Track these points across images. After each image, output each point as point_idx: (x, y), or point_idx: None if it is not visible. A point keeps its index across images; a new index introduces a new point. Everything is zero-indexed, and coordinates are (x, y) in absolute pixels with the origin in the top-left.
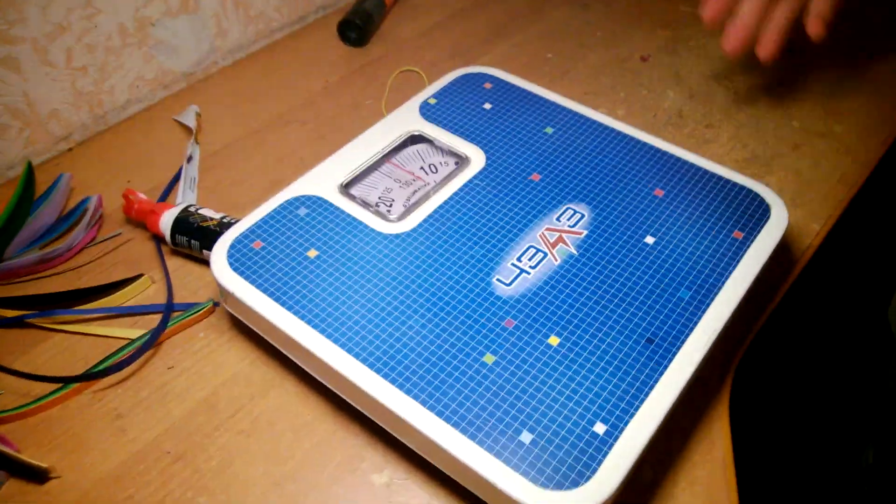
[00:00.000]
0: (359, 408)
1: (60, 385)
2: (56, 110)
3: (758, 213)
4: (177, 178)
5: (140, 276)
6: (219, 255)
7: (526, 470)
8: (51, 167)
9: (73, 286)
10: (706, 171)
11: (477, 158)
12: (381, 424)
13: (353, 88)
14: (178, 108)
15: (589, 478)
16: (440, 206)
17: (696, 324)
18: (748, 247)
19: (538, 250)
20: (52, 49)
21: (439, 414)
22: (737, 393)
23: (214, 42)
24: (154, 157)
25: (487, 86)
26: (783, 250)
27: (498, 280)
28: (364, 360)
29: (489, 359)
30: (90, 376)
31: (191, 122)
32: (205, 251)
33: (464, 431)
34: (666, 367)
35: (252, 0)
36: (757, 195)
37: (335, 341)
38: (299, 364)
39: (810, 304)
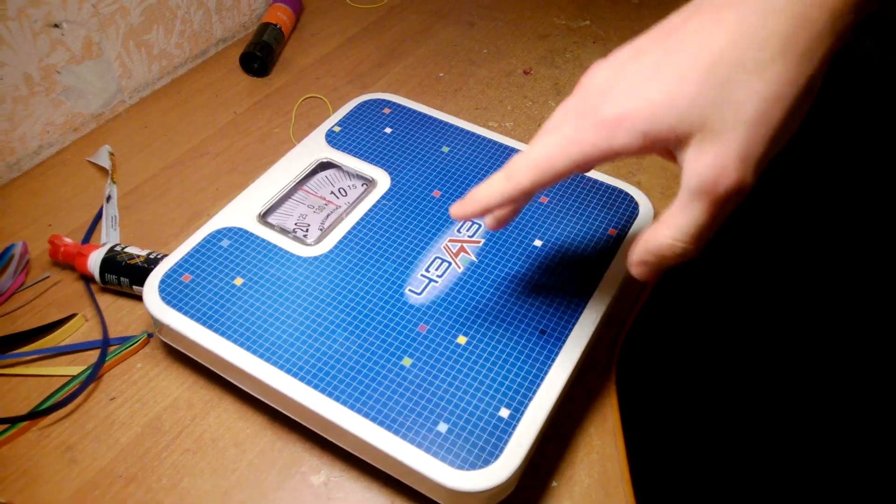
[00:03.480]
0: (293, 417)
1: (7, 426)
2: None
3: (628, 210)
4: (98, 219)
5: (73, 315)
6: (150, 290)
7: (444, 455)
8: None
9: (9, 331)
10: (584, 177)
11: (382, 180)
12: (315, 430)
13: (261, 118)
14: (89, 150)
15: (497, 456)
16: (353, 228)
17: (580, 314)
18: (622, 242)
19: (443, 260)
20: None
21: (366, 415)
22: (623, 369)
23: (120, 83)
24: (72, 199)
25: (386, 111)
26: None
27: (410, 290)
28: (294, 374)
29: (406, 362)
30: (36, 414)
31: (105, 162)
32: (135, 287)
33: (388, 428)
34: (557, 353)
35: (153, 40)
36: (627, 195)
37: (267, 359)
38: (235, 384)
39: (682, 284)
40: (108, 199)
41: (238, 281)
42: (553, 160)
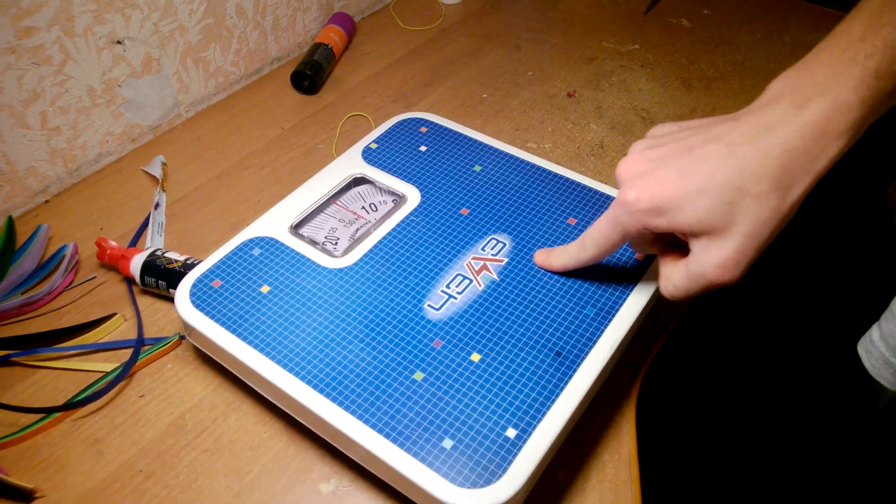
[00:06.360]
0: (308, 425)
1: (43, 415)
2: (33, 167)
3: None
4: (145, 224)
5: (113, 314)
6: (182, 293)
7: (446, 472)
8: (29, 218)
9: (54, 326)
10: (611, 200)
11: (413, 196)
12: (327, 439)
13: (307, 134)
14: (145, 159)
15: (500, 476)
16: (380, 242)
17: (598, 337)
18: (647, 266)
19: (465, 277)
20: (28, 113)
21: (373, 426)
22: (644, 397)
23: (177, 97)
24: (124, 205)
25: (423, 129)
26: None
27: (429, 305)
28: (311, 383)
29: (419, 376)
30: (70, 406)
31: (157, 171)
32: (171, 290)
33: (394, 441)
34: (571, 377)
35: (210, 57)
36: None
37: (285, 367)
38: (256, 389)
39: (711, 314)
40: (157, 206)
41: (265, 289)
42: (608, 238)
